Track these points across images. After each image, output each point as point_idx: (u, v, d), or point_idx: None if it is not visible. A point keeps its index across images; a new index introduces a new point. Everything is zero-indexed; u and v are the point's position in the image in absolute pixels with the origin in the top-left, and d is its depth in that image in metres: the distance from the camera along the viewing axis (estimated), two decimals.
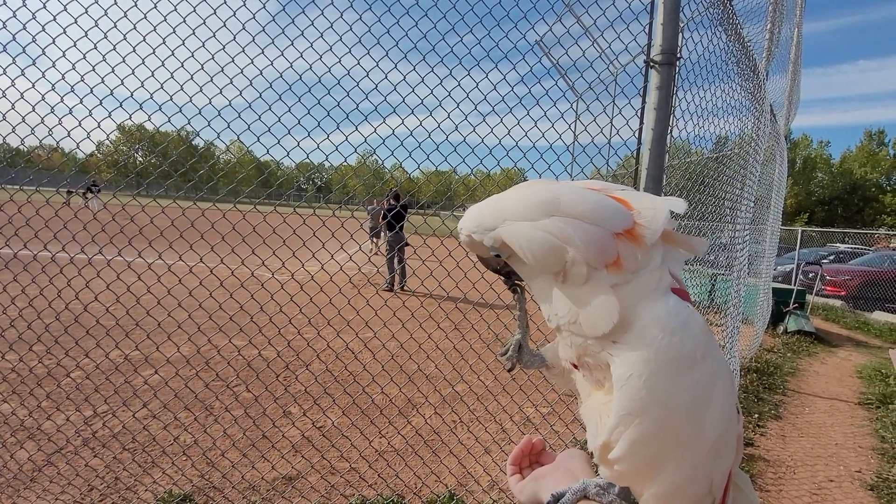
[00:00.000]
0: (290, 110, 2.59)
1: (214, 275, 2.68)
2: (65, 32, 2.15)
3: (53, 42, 2.15)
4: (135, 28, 2.25)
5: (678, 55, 2.32)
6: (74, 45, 2.17)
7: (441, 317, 4.27)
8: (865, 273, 12.80)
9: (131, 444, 3.25)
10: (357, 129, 2.85)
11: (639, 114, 2.47)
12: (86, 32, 2.17)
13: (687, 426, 0.62)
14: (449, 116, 2.81)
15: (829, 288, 12.75)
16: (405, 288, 9.87)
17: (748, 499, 0.79)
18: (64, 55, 2.17)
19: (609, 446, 0.64)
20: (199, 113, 2.47)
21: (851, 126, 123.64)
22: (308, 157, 2.85)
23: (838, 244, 19.53)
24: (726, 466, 0.67)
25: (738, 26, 3.51)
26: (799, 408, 5.26)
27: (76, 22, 2.16)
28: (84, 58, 2.18)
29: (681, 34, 2.34)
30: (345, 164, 3.06)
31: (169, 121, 2.43)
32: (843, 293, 12.52)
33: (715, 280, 4.98)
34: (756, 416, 4.84)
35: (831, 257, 16.12)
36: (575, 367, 0.77)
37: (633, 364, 0.63)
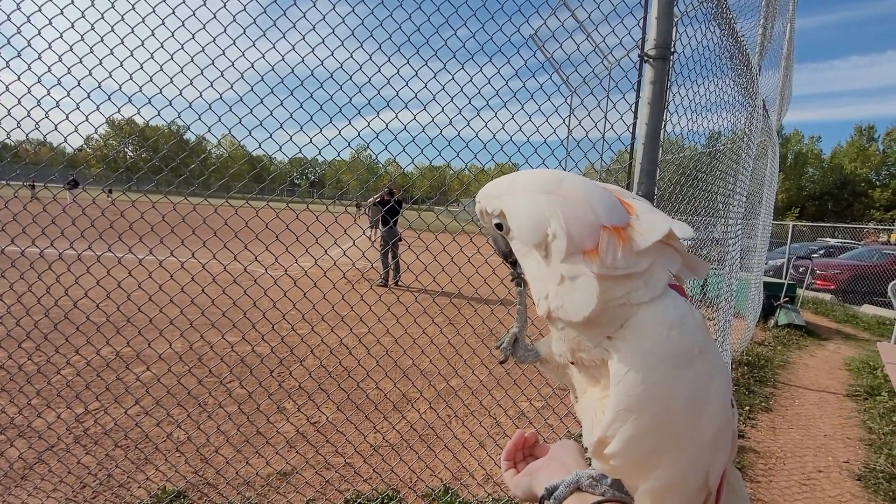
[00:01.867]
0: (282, 104, 2.55)
1: (206, 270, 2.63)
2: (50, 23, 2.09)
3: (39, 33, 2.09)
4: (122, 19, 2.21)
5: (672, 49, 2.31)
6: (61, 37, 2.11)
7: (435, 312, 4.24)
8: (854, 267, 12.90)
9: (124, 440, 3.22)
10: (350, 123, 2.81)
11: (633, 108, 2.45)
12: (72, 23, 2.12)
13: (684, 422, 0.62)
14: (443, 111, 2.80)
15: (819, 282, 12.84)
16: (399, 283, 9.85)
17: (738, 494, 0.79)
18: (50, 46, 2.11)
19: (605, 442, 0.64)
20: (190, 107, 2.43)
21: (843, 121, 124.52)
22: (301, 151, 2.81)
23: (828, 239, 19.66)
24: (722, 462, 0.67)
25: (731, 21, 3.50)
26: (789, 400, 5.32)
27: (62, 12, 2.11)
28: (71, 49, 2.13)
29: (675, 28, 2.32)
30: (338, 158, 3.02)
31: (159, 114, 2.37)
32: (832, 287, 12.61)
33: (707, 274, 4.98)
34: (747, 408, 4.88)
35: (821, 252, 16.20)
36: (571, 363, 0.76)
37: (630, 359, 0.63)
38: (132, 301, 2.62)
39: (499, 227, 0.79)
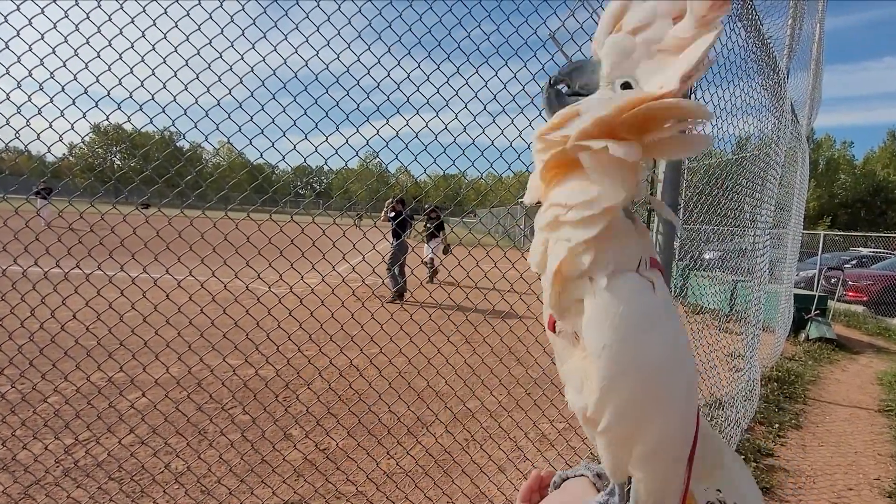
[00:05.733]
0: (284, 110, 2.43)
1: (205, 289, 2.51)
2: (30, 23, 1.95)
3: (18, 34, 1.95)
4: (110, 19, 2.06)
5: None
6: (42, 38, 1.98)
7: (451, 330, 4.09)
8: (888, 278, 12.64)
9: (117, 472, 3.06)
10: (358, 130, 2.71)
11: None
12: (54, 24, 1.98)
13: (666, 381, 0.64)
14: (457, 117, 2.66)
15: (850, 293, 12.64)
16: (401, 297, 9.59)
17: (716, 443, 0.80)
18: (30, 49, 1.98)
19: (596, 420, 0.65)
20: (185, 113, 2.29)
21: (876, 125, 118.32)
22: (305, 160, 2.70)
23: (861, 248, 19.26)
24: (695, 411, 0.69)
25: (757, 22, 3.40)
26: (819, 416, 5.26)
27: (43, 12, 1.96)
28: (53, 52, 2.00)
29: None
30: (346, 167, 2.90)
31: (151, 122, 2.23)
32: (864, 298, 12.41)
33: (735, 286, 4.90)
34: (777, 426, 4.79)
35: (853, 262, 15.92)
36: (552, 328, 0.74)
37: (605, 329, 0.62)
38: (125, 323, 2.48)
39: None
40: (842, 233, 19.68)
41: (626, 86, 0.66)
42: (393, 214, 9.18)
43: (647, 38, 0.63)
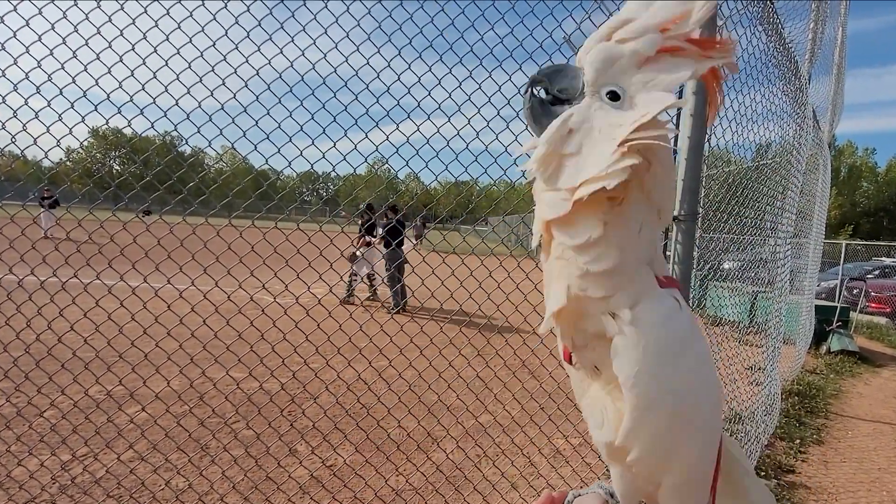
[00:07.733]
0: (290, 115, 2.37)
1: (208, 299, 2.45)
2: (27, 25, 1.90)
3: (14, 36, 1.89)
4: (110, 20, 2.00)
5: None
6: (39, 40, 1.92)
7: (462, 342, 4.00)
8: None
9: (116, 489, 2.98)
10: (367, 136, 2.65)
11: (674, 120, 2.27)
12: (52, 25, 1.92)
13: (695, 407, 0.64)
14: (469, 122, 2.65)
15: (873, 304, 12.50)
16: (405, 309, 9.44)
17: (742, 466, 0.81)
18: (27, 51, 1.93)
19: (626, 449, 0.64)
20: (187, 117, 2.25)
21: None
22: (312, 167, 2.64)
23: (884, 258, 19.03)
24: (720, 431, 0.70)
25: (778, 25, 3.33)
26: (841, 431, 5.19)
27: (41, 13, 1.91)
28: (51, 54, 1.94)
29: (718, 34, 2.14)
30: (354, 174, 2.85)
31: (152, 126, 2.18)
32: (888, 310, 12.27)
33: (755, 297, 4.78)
34: (797, 441, 4.72)
35: (876, 272, 15.73)
36: (568, 360, 0.74)
37: (637, 360, 0.61)
38: (124, 334, 2.43)
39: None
40: (864, 242, 19.46)
41: (614, 95, 0.64)
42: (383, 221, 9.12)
43: (635, 48, 0.62)
